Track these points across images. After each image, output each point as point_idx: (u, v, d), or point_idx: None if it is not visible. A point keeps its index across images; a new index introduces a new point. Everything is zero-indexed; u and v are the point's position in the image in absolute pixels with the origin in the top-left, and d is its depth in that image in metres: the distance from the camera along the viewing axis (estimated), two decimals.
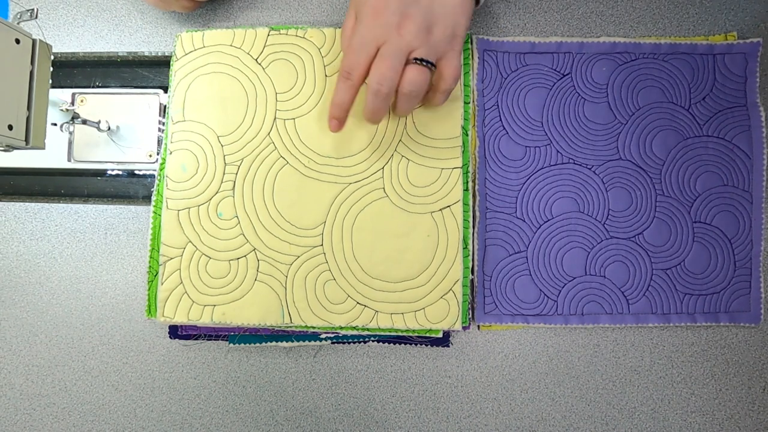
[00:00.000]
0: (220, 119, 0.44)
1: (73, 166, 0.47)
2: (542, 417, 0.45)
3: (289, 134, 0.44)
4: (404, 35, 0.35)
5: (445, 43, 0.37)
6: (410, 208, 0.43)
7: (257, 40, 0.45)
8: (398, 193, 0.43)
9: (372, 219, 0.43)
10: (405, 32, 0.35)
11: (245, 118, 0.44)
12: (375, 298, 0.43)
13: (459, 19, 0.37)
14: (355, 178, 0.43)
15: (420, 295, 0.43)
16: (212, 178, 0.44)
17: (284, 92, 0.44)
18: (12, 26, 0.34)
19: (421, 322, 0.43)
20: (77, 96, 0.47)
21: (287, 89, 0.44)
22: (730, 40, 0.46)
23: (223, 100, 0.44)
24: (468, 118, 0.45)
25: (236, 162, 0.44)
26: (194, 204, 0.44)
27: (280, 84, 0.44)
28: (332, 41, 0.45)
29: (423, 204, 0.43)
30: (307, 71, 0.44)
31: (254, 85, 0.44)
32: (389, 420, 0.46)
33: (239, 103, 0.44)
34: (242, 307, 0.43)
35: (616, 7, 0.47)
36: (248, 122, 0.44)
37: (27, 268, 0.47)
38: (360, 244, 0.43)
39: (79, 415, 0.46)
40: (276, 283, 0.43)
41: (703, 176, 0.46)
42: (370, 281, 0.43)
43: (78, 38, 0.48)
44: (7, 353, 0.47)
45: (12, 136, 0.34)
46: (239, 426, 0.46)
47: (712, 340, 0.46)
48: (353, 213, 0.43)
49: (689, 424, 0.46)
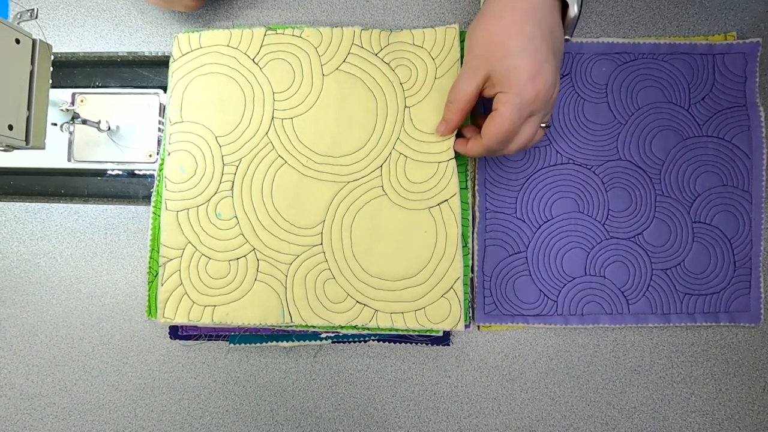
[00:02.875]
0: (218, 120, 0.44)
1: (73, 166, 0.47)
2: (542, 417, 0.45)
3: (287, 134, 0.44)
4: (551, 106, 0.39)
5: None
6: (408, 205, 0.43)
7: (254, 39, 0.45)
8: (396, 191, 0.43)
9: (370, 217, 0.43)
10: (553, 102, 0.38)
11: (243, 119, 0.44)
12: (375, 297, 0.42)
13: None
14: (353, 177, 0.43)
15: (420, 293, 0.42)
16: (211, 178, 0.44)
17: (281, 92, 0.44)
18: (12, 26, 0.34)
19: (422, 322, 0.42)
20: (77, 96, 0.47)
21: (284, 89, 0.44)
22: (729, 40, 0.46)
23: (221, 100, 0.44)
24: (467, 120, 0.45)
25: (234, 162, 0.44)
26: (193, 205, 0.44)
27: (277, 83, 0.44)
28: (329, 40, 0.44)
29: (421, 200, 0.43)
30: (304, 70, 0.44)
31: (251, 85, 0.44)
32: (389, 420, 0.46)
33: (237, 103, 0.44)
34: (243, 307, 0.43)
35: (616, 7, 0.47)
36: (246, 122, 0.44)
37: (27, 268, 0.47)
38: (359, 242, 0.43)
39: (79, 415, 0.46)
40: (276, 283, 0.43)
41: (702, 176, 0.46)
42: (370, 280, 0.42)
43: (78, 38, 0.48)
44: (7, 353, 0.47)
45: (12, 136, 0.34)
46: (239, 426, 0.46)
47: (712, 340, 0.46)
48: (352, 211, 0.43)
49: (689, 424, 0.46)
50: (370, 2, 0.48)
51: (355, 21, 0.47)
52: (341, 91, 0.44)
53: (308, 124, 0.44)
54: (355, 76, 0.44)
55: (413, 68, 0.44)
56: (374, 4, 0.48)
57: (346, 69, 0.44)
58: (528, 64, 0.35)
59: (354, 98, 0.44)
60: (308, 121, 0.44)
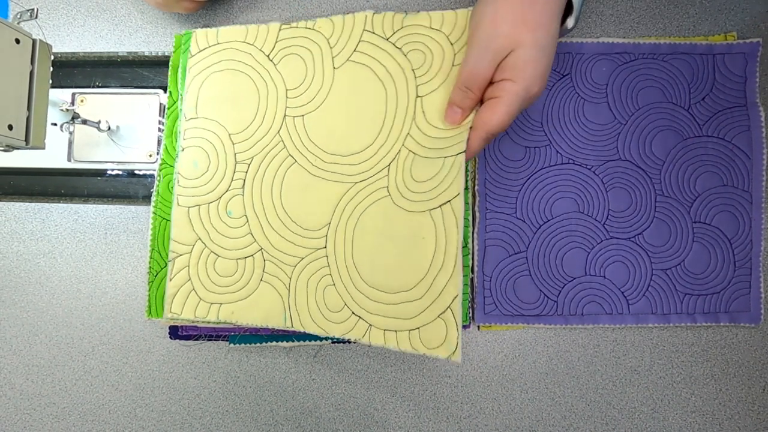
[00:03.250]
0: (232, 117, 0.44)
1: (73, 166, 0.47)
2: (542, 417, 0.45)
3: (298, 132, 0.43)
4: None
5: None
6: (409, 207, 0.40)
7: (269, 35, 0.44)
8: (400, 191, 0.41)
9: (373, 220, 0.41)
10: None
11: (256, 116, 0.44)
12: (370, 310, 0.40)
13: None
14: (361, 177, 0.42)
15: (416, 310, 0.39)
16: (223, 175, 0.43)
17: (294, 88, 0.43)
18: (12, 26, 0.34)
19: (415, 346, 0.38)
20: (77, 96, 0.47)
21: (297, 85, 0.43)
22: (729, 40, 0.46)
23: (235, 97, 0.44)
24: None
25: (246, 160, 0.43)
26: (204, 201, 0.43)
27: (291, 80, 0.44)
28: (340, 29, 0.43)
29: (422, 201, 0.40)
30: (315, 65, 0.43)
31: (266, 82, 0.44)
32: (389, 420, 0.46)
33: (251, 100, 0.44)
34: (247, 307, 0.42)
35: (616, 7, 0.47)
36: (259, 120, 0.44)
37: (27, 268, 0.47)
38: (360, 247, 0.41)
39: (79, 415, 0.46)
40: (280, 285, 0.42)
41: (702, 176, 0.46)
42: (367, 290, 0.40)
43: (78, 38, 0.48)
44: (7, 353, 0.47)
45: (12, 136, 0.34)
46: (239, 426, 0.46)
47: (712, 340, 0.46)
48: (356, 214, 0.42)
49: (689, 424, 0.46)
50: (369, 2, 0.48)
51: None
52: (352, 84, 0.43)
53: (318, 122, 0.43)
54: (365, 65, 0.43)
55: (428, 53, 0.42)
56: (374, 4, 0.48)
57: (356, 59, 0.43)
58: (545, 61, 0.34)
59: (363, 92, 0.42)
60: (318, 118, 0.43)
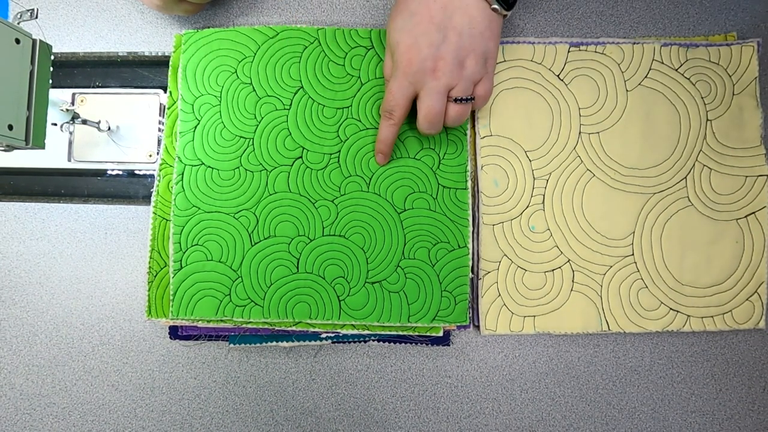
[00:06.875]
0: (527, 134, 0.45)
1: (73, 166, 0.47)
2: (542, 417, 0.45)
3: (594, 148, 0.45)
4: (440, 78, 0.37)
5: (479, 71, 0.38)
6: (716, 216, 0.45)
7: (557, 56, 0.46)
8: (703, 201, 0.45)
9: (680, 227, 0.44)
10: (440, 74, 0.37)
11: (551, 133, 0.45)
12: (686, 304, 0.44)
13: (488, 44, 0.37)
14: (659, 188, 0.45)
15: (727, 298, 0.44)
16: (522, 192, 0.45)
17: (587, 107, 0.45)
18: (12, 26, 0.34)
19: (729, 324, 0.44)
20: (77, 96, 0.47)
21: (590, 104, 0.45)
22: (729, 40, 0.46)
23: (529, 115, 0.45)
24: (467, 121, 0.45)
25: (544, 176, 0.45)
26: (507, 218, 0.45)
27: (583, 99, 0.45)
28: (630, 56, 0.45)
29: (728, 211, 0.45)
30: (608, 86, 0.45)
31: (557, 100, 0.45)
32: (389, 420, 0.46)
33: (544, 118, 0.45)
34: (562, 316, 0.44)
35: (616, 7, 0.47)
36: (554, 137, 0.45)
37: (27, 268, 0.47)
38: (670, 252, 0.44)
39: (79, 415, 0.46)
40: (592, 293, 0.44)
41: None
42: (681, 288, 0.44)
43: (78, 38, 0.48)
44: (7, 353, 0.47)
45: (12, 136, 0.34)
46: (239, 426, 0.46)
47: (712, 340, 0.46)
48: (660, 223, 0.44)
49: (689, 424, 0.46)
50: (370, 2, 0.48)
51: (356, 21, 0.47)
52: (645, 105, 0.45)
53: (615, 138, 0.45)
54: (658, 91, 0.45)
55: (712, 84, 0.45)
56: (374, 4, 0.48)
57: (648, 84, 0.45)
58: (406, 38, 0.37)
59: (658, 112, 0.45)
60: (615, 135, 0.45)
